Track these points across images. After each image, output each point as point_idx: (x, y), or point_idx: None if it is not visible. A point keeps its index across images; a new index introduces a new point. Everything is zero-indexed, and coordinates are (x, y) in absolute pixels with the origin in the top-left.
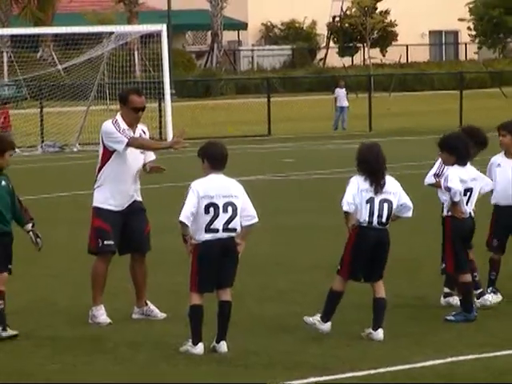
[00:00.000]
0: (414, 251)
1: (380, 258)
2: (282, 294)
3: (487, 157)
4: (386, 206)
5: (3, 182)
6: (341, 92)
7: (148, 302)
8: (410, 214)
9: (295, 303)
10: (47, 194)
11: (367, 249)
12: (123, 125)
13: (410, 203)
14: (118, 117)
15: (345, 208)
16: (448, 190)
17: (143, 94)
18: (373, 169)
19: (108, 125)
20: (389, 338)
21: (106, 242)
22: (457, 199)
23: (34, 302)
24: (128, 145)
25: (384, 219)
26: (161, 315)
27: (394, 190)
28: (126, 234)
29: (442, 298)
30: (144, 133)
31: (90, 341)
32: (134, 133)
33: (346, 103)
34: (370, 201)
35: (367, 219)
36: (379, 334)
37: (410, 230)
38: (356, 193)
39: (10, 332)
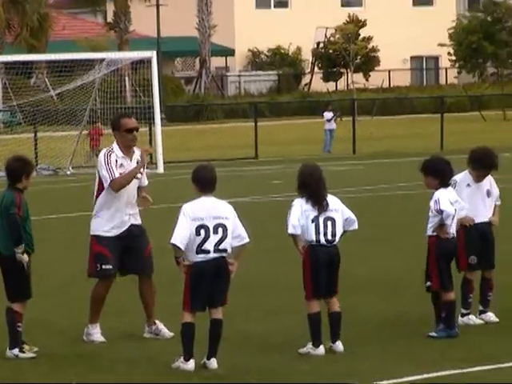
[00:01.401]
0: (394, 270)
1: (333, 273)
2: (270, 313)
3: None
4: (330, 223)
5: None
6: (329, 115)
7: (157, 322)
8: (355, 225)
9: (282, 322)
10: (41, 216)
11: (322, 265)
12: (114, 156)
13: (353, 216)
14: (114, 145)
15: (290, 231)
16: (440, 212)
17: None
18: (313, 192)
19: (101, 156)
20: (373, 354)
21: (104, 267)
22: (449, 222)
23: (30, 321)
24: (110, 186)
25: (330, 237)
26: (168, 334)
27: (335, 207)
28: (126, 256)
29: (459, 318)
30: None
31: (87, 358)
32: (131, 159)
33: (333, 126)
34: (315, 220)
35: (315, 238)
36: (339, 346)
37: (391, 250)
38: (300, 214)
39: (28, 354)
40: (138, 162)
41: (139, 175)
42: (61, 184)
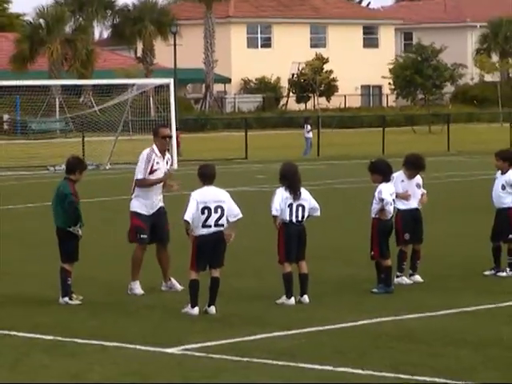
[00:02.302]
0: (349, 243)
1: (301, 244)
2: (255, 273)
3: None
4: (300, 208)
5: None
6: (308, 127)
7: (171, 278)
8: (318, 213)
9: (264, 280)
10: (87, 199)
11: (293, 238)
12: (154, 156)
13: (317, 205)
14: (154, 147)
15: (274, 213)
16: (382, 200)
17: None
18: (291, 183)
19: (144, 152)
20: (331, 304)
21: (141, 236)
22: (387, 207)
23: (78, 277)
24: (137, 179)
25: (300, 218)
26: (180, 288)
27: (306, 197)
28: (153, 229)
29: (395, 278)
30: (170, 159)
31: (118, 305)
32: (164, 158)
33: (311, 135)
34: (290, 205)
35: (288, 218)
36: (306, 298)
37: (345, 227)
38: (281, 201)
39: (75, 301)
40: (167, 162)
41: (167, 171)
42: (101, 176)
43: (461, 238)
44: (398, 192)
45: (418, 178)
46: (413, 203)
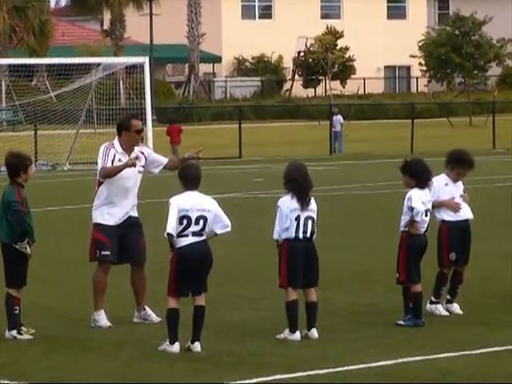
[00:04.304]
0: (367, 263)
1: (310, 266)
2: (252, 301)
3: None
4: (310, 222)
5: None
6: (335, 118)
7: (146, 307)
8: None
9: (264, 309)
10: (40, 208)
11: (299, 258)
12: (113, 151)
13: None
14: (115, 141)
15: (274, 236)
16: (411, 209)
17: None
18: (299, 186)
19: (100, 148)
20: (345, 341)
21: (102, 253)
22: (418, 219)
23: (28, 304)
24: (99, 173)
25: (308, 234)
26: (156, 319)
27: (314, 208)
28: (122, 245)
29: (428, 304)
30: (142, 153)
31: (79, 340)
32: (129, 155)
33: (337, 128)
34: (298, 218)
35: (294, 235)
36: (314, 333)
37: (364, 244)
38: (285, 218)
39: (26, 336)
40: (137, 158)
41: (140, 168)
42: (58, 179)
43: (506, 259)
44: (442, 200)
45: (463, 186)
46: (462, 213)
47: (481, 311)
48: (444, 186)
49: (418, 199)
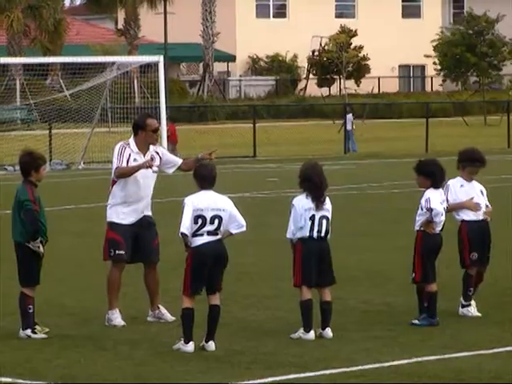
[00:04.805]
0: (381, 263)
1: (323, 265)
2: (267, 300)
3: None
4: (324, 222)
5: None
6: (348, 117)
7: (160, 306)
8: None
9: (278, 309)
10: (54, 207)
11: (313, 257)
12: (129, 151)
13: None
14: (131, 140)
15: (288, 235)
16: (430, 210)
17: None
18: (315, 185)
19: (116, 147)
20: (359, 340)
21: (117, 252)
22: (437, 219)
23: (43, 303)
24: (114, 172)
25: (322, 234)
26: (170, 318)
27: (329, 207)
28: (136, 245)
29: (460, 308)
30: (157, 153)
31: (93, 339)
32: (144, 155)
33: (349, 127)
34: (312, 217)
35: (308, 234)
36: (328, 332)
37: (379, 243)
38: (299, 218)
39: (40, 335)
40: (152, 158)
41: (155, 168)
42: (73, 178)
43: None
44: (462, 202)
45: (480, 186)
46: (479, 213)
47: (494, 311)
48: (460, 188)
49: (437, 200)
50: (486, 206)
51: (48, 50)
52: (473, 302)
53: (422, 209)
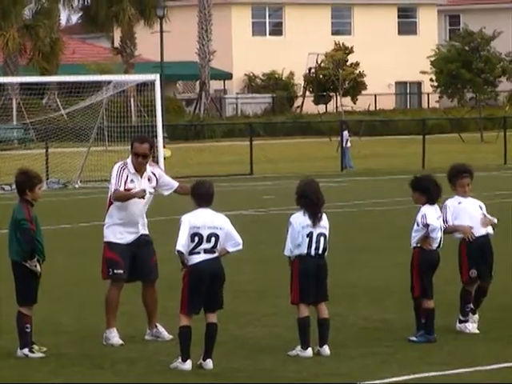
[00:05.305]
0: (379, 279)
1: (320, 282)
2: (264, 317)
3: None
4: (322, 239)
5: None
6: (344, 134)
7: (157, 325)
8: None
9: (275, 326)
10: (51, 226)
11: (311, 275)
12: (127, 172)
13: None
14: (129, 160)
15: (286, 253)
16: (426, 226)
17: (150, 142)
18: (311, 202)
19: (114, 167)
20: (357, 357)
21: (116, 271)
22: (434, 235)
23: (40, 322)
24: (111, 194)
25: (320, 251)
26: (168, 336)
27: (326, 225)
28: (134, 264)
29: (457, 324)
30: (154, 174)
31: (91, 358)
32: (141, 176)
33: (347, 144)
34: (310, 235)
35: (306, 251)
36: (326, 350)
37: (376, 260)
38: (296, 235)
39: (37, 354)
40: (149, 179)
41: (151, 190)
42: (70, 196)
43: None
44: (457, 225)
45: (479, 202)
46: (480, 229)
47: (492, 326)
48: (458, 205)
49: (433, 215)
50: (484, 215)
51: (44, 69)
52: (476, 317)
53: (418, 225)
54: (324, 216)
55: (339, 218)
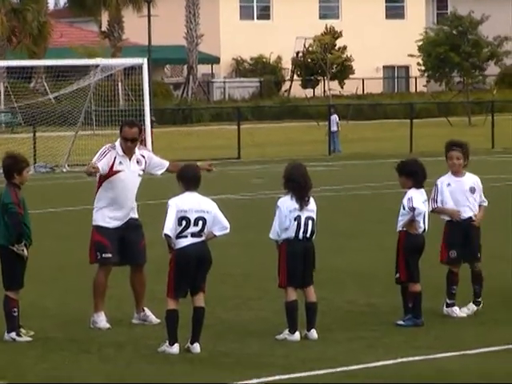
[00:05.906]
0: (366, 263)
1: (308, 265)
2: (251, 301)
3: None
4: (310, 222)
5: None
6: (333, 118)
7: (145, 309)
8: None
9: (262, 310)
10: (38, 210)
11: (298, 258)
12: (114, 154)
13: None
14: (117, 143)
15: (272, 236)
16: (413, 210)
17: (139, 126)
18: (299, 185)
19: (102, 148)
20: (344, 341)
21: (104, 255)
22: (420, 219)
23: (27, 306)
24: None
25: (308, 234)
26: (155, 320)
27: (313, 208)
28: (123, 247)
29: (444, 307)
30: (143, 157)
31: (78, 342)
32: (130, 159)
33: (334, 128)
34: (298, 218)
35: (294, 234)
36: (313, 334)
37: (363, 244)
38: (284, 218)
39: (24, 338)
40: (138, 162)
41: (140, 172)
42: (57, 180)
43: (502, 258)
44: (445, 208)
45: (473, 181)
46: (465, 212)
47: (480, 310)
48: (447, 187)
49: (419, 199)
50: (480, 204)
51: (32, 53)
52: (473, 307)
53: (404, 208)
54: (311, 199)
55: (327, 202)
